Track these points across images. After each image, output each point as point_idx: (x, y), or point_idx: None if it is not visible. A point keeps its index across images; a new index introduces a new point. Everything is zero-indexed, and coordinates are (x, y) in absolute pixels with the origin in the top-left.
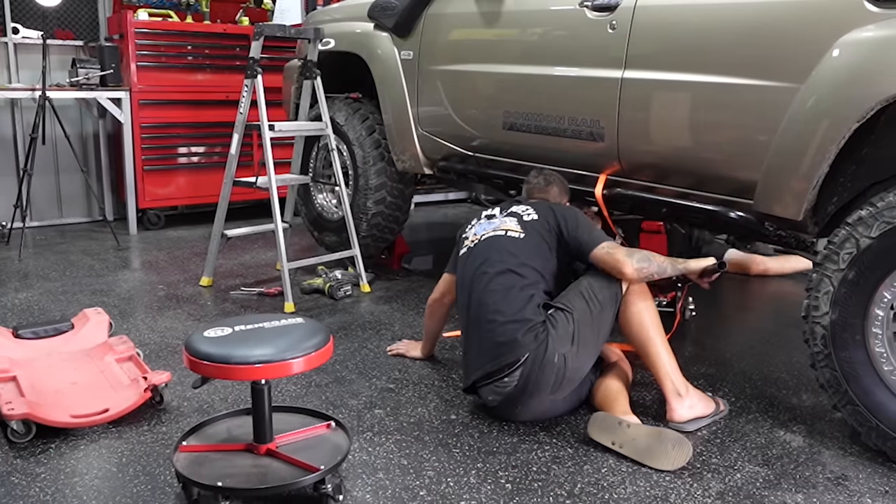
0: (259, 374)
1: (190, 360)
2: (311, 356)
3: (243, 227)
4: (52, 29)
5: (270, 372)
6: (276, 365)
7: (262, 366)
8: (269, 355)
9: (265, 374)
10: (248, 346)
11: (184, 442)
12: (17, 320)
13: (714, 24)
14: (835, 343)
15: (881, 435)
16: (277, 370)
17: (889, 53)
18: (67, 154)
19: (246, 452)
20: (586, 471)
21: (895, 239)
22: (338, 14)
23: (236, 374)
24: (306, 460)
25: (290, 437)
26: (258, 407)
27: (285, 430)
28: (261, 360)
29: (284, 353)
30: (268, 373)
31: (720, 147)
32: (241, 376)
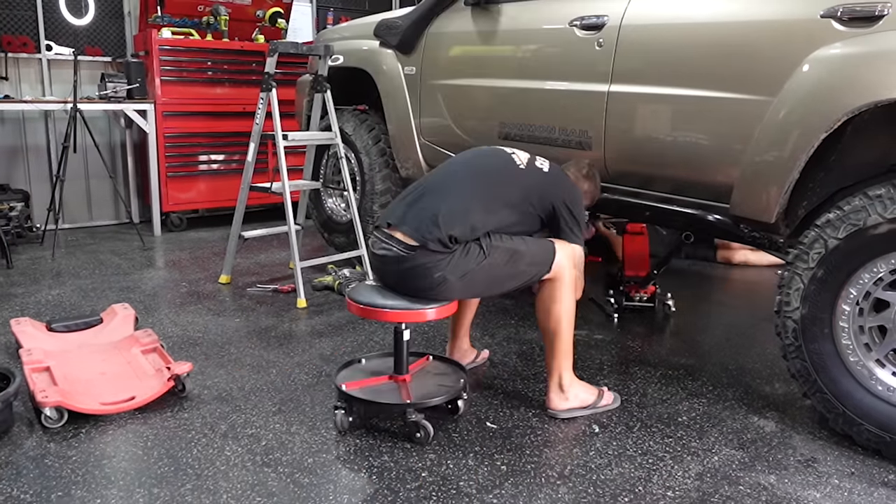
0: (400, 318)
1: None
2: (441, 308)
3: (259, 229)
4: (82, 46)
5: (409, 317)
6: (414, 312)
7: (403, 311)
8: (407, 305)
9: (405, 318)
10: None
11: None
12: (50, 315)
13: (693, 42)
14: (805, 336)
15: (847, 421)
16: (415, 316)
17: (854, 69)
18: (97, 161)
19: (390, 381)
20: (575, 454)
21: (860, 240)
22: (346, 32)
23: (385, 316)
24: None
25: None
26: (398, 345)
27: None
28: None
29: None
30: (407, 317)
31: (699, 155)
32: (388, 318)
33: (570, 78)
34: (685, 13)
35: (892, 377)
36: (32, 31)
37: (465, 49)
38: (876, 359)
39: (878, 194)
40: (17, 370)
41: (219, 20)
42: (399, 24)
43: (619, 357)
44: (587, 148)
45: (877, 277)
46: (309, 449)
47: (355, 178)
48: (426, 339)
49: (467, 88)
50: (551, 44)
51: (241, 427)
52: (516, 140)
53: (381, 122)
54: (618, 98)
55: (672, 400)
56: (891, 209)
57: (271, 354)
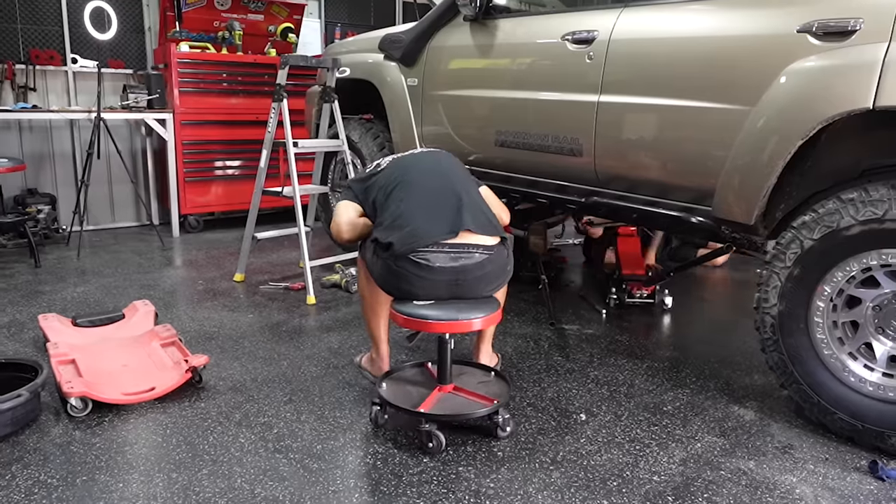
0: (444, 329)
1: (402, 319)
2: (487, 318)
3: (271, 231)
4: (105, 59)
5: (453, 327)
6: (460, 322)
7: (447, 322)
8: (454, 316)
9: (449, 328)
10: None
11: (383, 382)
12: (75, 311)
13: (678, 55)
14: (782, 331)
15: (822, 410)
16: (460, 326)
17: (828, 80)
18: (119, 167)
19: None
20: (567, 441)
21: (834, 241)
22: (353, 46)
23: (432, 327)
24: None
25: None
26: (443, 355)
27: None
28: (446, 319)
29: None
30: (451, 328)
31: (683, 161)
32: (434, 329)
33: (562, 89)
34: (670, 28)
35: (864, 369)
36: (59, 45)
37: (463, 62)
38: (848, 352)
39: (850, 198)
40: (44, 362)
41: (233, 35)
42: (402, 39)
43: (608, 350)
44: (578, 155)
45: (849, 276)
46: (318, 436)
47: None
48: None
49: (466, 99)
50: (544, 57)
51: (255, 416)
52: (512, 147)
53: (385, 130)
54: (607, 108)
55: (658, 390)
56: (862, 212)
57: (282, 348)
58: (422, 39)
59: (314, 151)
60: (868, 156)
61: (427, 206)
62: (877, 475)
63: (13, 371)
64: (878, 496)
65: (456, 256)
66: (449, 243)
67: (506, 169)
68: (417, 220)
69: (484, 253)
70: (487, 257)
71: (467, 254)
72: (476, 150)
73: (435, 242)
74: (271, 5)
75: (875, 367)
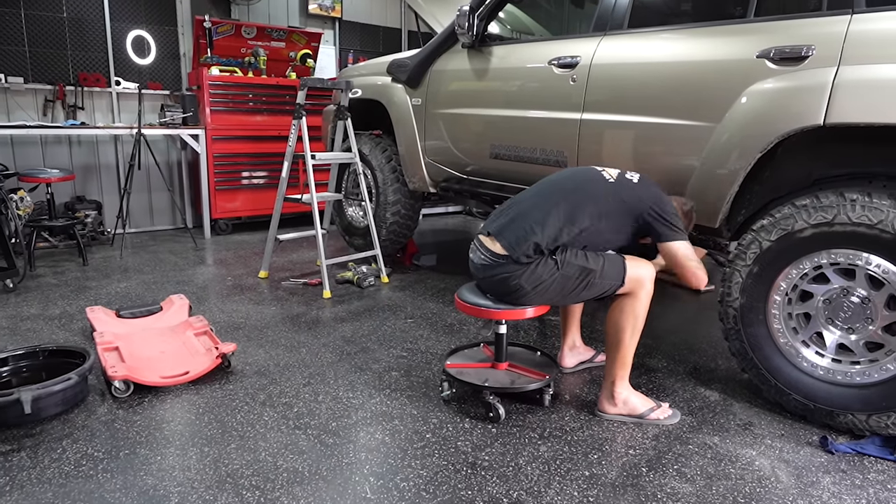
0: (501, 316)
1: (464, 306)
2: (538, 308)
3: (292, 233)
4: (145, 81)
5: (510, 314)
6: (515, 311)
7: (506, 310)
8: (510, 305)
9: (506, 315)
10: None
11: (448, 360)
12: (118, 304)
13: (651, 78)
14: (743, 321)
15: (778, 391)
16: (515, 314)
17: (784, 100)
18: (157, 177)
19: (491, 368)
20: (553, 419)
21: (789, 242)
22: (364, 70)
23: (492, 314)
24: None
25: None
26: (499, 338)
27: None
28: (503, 308)
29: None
30: (508, 315)
31: (656, 172)
32: (493, 316)
33: (549, 107)
34: (644, 54)
35: (816, 355)
36: (104, 69)
37: (462, 84)
38: (802, 340)
39: (803, 204)
40: (91, 349)
41: (258, 60)
42: (407, 63)
43: (589, 339)
44: (563, 165)
45: (802, 273)
46: (333, 415)
47: (371, 191)
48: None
49: (464, 116)
50: (533, 79)
51: (277, 397)
52: (505, 159)
53: (392, 145)
54: (588, 124)
55: (633, 374)
56: (814, 216)
57: (301, 336)
58: (425, 64)
59: (330, 163)
60: (819, 167)
61: (518, 209)
62: (827, 449)
63: (64, 357)
64: (829, 467)
65: (474, 249)
66: (479, 239)
67: (499, 178)
68: (498, 214)
69: (484, 258)
70: (485, 263)
71: (476, 252)
72: (473, 161)
73: (479, 233)
74: (292, 34)
75: (825, 354)
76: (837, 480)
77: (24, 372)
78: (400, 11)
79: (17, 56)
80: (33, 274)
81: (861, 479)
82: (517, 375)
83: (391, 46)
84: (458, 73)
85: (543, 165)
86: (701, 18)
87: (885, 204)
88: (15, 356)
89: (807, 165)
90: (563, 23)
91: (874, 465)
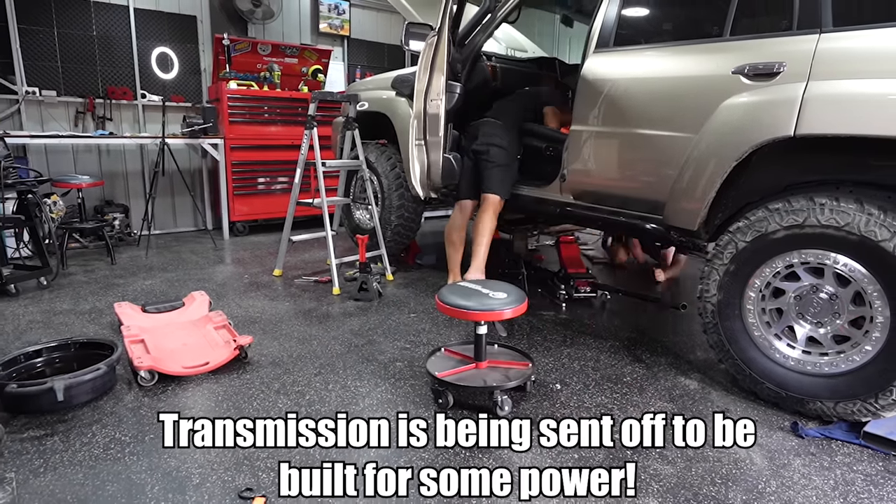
0: (480, 317)
1: (445, 308)
2: (516, 308)
3: (304, 234)
4: (169, 94)
5: (489, 316)
6: (493, 313)
7: (483, 312)
8: (487, 307)
9: (484, 317)
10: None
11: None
12: (144, 299)
13: (635, 91)
14: (720, 316)
15: (753, 381)
16: (493, 316)
17: (757, 113)
18: (179, 182)
19: (476, 369)
20: (545, 405)
21: (763, 243)
22: (370, 85)
23: (471, 316)
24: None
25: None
26: (479, 338)
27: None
28: (480, 309)
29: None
30: (486, 317)
31: (640, 179)
32: (471, 318)
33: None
34: (629, 70)
35: (787, 347)
36: (131, 83)
37: None
38: (774, 333)
39: (776, 208)
40: (119, 342)
41: (273, 75)
42: (410, 79)
43: (578, 332)
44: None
45: (775, 271)
46: (342, 402)
47: (377, 195)
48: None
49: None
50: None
51: (290, 385)
52: None
53: (396, 153)
54: (575, 134)
55: (619, 364)
56: (786, 219)
57: (313, 330)
58: None
59: (339, 170)
60: (790, 174)
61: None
62: (798, 434)
63: (93, 349)
64: (799, 450)
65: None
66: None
67: None
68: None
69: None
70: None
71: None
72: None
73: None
74: (304, 51)
75: (796, 346)
76: (807, 462)
77: (57, 363)
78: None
79: (51, 71)
80: (65, 272)
81: (829, 462)
82: (506, 369)
83: (395, 63)
84: None
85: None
86: (681, 37)
87: (852, 208)
88: (48, 348)
89: (779, 172)
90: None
91: (841, 448)
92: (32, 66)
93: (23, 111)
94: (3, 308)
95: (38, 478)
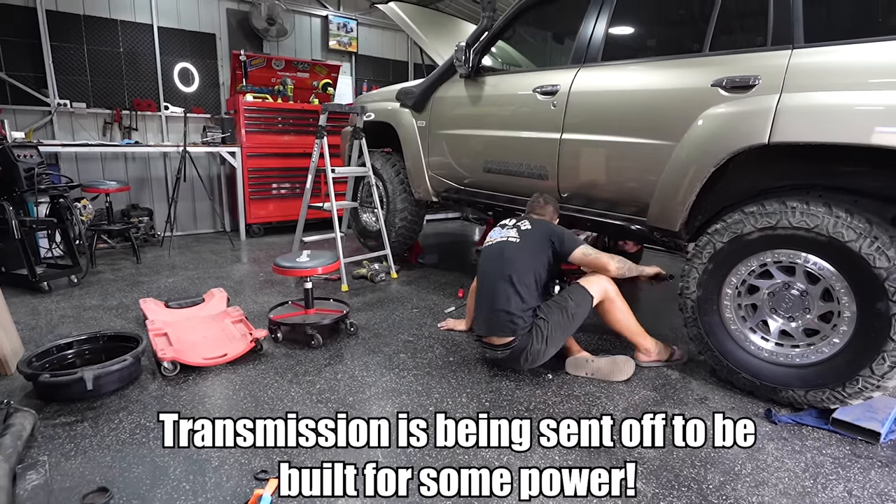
0: (306, 273)
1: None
2: (327, 266)
3: (315, 235)
4: (190, 106)
5: (312, 272)
6: (309, 269)
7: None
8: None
9: (308, 273)
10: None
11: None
12: (167, 296)
13: (621, 103)
14: (699, 311)
15: (730, 371)
16: (311, 272)
17: (734, 122)
18: (200, 188)
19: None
20: (538, 394)
21: (739, 243)
22: (376, 97)
23: (298, 273)
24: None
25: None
26: (307, 292)
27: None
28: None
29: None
30: (310, 272)
31: (626, 184)
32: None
33: (533, 129)
34: (615, 83)
35: (761, 340)
36: (154, 95)
37: (460, 108)
38: (750, 327)
39: (751, 211)
40: (143, 335)
41: (286, 88)
42: (413, 91)
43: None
44: (546, 178)
45: (750, 269)
46: (350, 391)
47: (382, 199)
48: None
49: (462, 136)
50: (520, 104)
51: (302, 375)
52: (497, 172)
53: (400, 160)
54: (567, 143)
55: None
56: (760, 221)
57: None
58: (428, 92)
59: (347, 176)
60: (765, 179)
61: (482, 303)
62: (771, 420)
63: (120, 341)
64: (772, 435)
65: (489, 351)
66: (484, 342)
67: (492, 189)
68: (479, 314)
69: (503, 352)
70: (507, 355)
71: (492, 352)
72: (469, 175)
73: (480, 338)
74: (315, 66)
75: (769, 339)
76: (780, 446)
77: (87, 354)
78: (407, 47)
79: (81, 85)
80: (94, 271)
81: (800, 446)
82: (325, 315)
83: (400, 76)
84: (456, 100)
85: (529, 178)
86: (664, 52)
87: (821, 211)
88: (79, 341)
89: (754, 178)
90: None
91: (811, 433)
92: (64, 80)
93: (55, 122)
94: (36, 304)
95: (70, 460)
